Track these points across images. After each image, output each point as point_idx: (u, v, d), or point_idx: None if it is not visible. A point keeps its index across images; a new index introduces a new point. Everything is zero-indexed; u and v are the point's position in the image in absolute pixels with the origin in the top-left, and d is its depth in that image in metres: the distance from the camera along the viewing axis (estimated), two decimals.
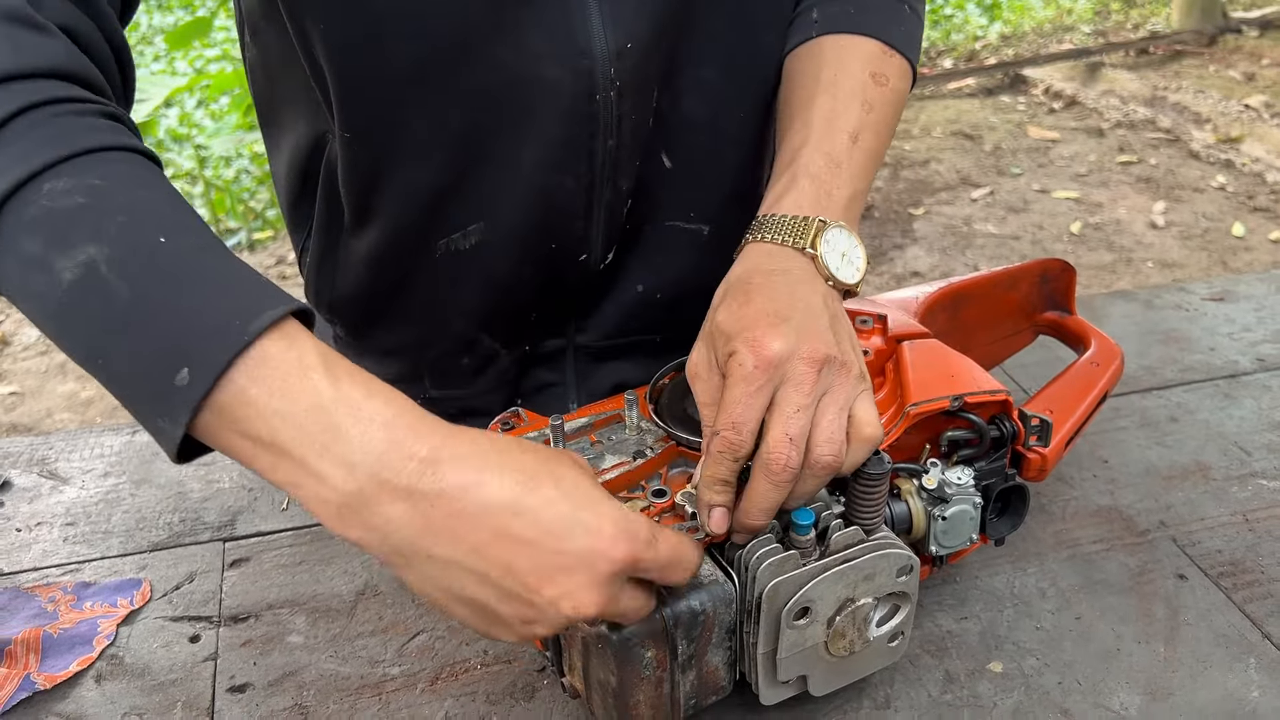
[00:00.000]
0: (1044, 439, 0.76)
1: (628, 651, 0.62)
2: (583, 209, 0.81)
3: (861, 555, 0.65)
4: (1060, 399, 0.82)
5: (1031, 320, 0.94)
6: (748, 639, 0.65)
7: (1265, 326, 1.15)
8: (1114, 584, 0.82)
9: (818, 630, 0.65)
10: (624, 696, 0.63)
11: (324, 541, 0.86)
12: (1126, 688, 0.73)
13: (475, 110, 0.75)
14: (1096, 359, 0.86)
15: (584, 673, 0.65)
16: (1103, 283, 3.20)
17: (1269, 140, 4.19)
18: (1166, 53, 5.29)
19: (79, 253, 0.50)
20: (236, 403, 0.49)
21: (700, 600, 0.63)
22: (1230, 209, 3.70)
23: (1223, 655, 0.76)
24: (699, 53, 0.81)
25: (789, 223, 0.71)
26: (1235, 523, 0.88)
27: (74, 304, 0.50)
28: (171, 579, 0.83)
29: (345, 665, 0.75)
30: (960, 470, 0.73)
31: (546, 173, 0.78)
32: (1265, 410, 1.02)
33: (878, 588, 0.66)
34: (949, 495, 0.72)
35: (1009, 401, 0.75)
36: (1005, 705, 0.72)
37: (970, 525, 0.73)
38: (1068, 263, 0.91)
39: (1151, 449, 0.97)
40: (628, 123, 0.79)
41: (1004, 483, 0.75)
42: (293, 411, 0.49)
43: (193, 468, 0.94)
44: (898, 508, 0.72)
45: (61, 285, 0.50)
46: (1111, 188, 3.86)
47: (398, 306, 0.87)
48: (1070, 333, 0.92)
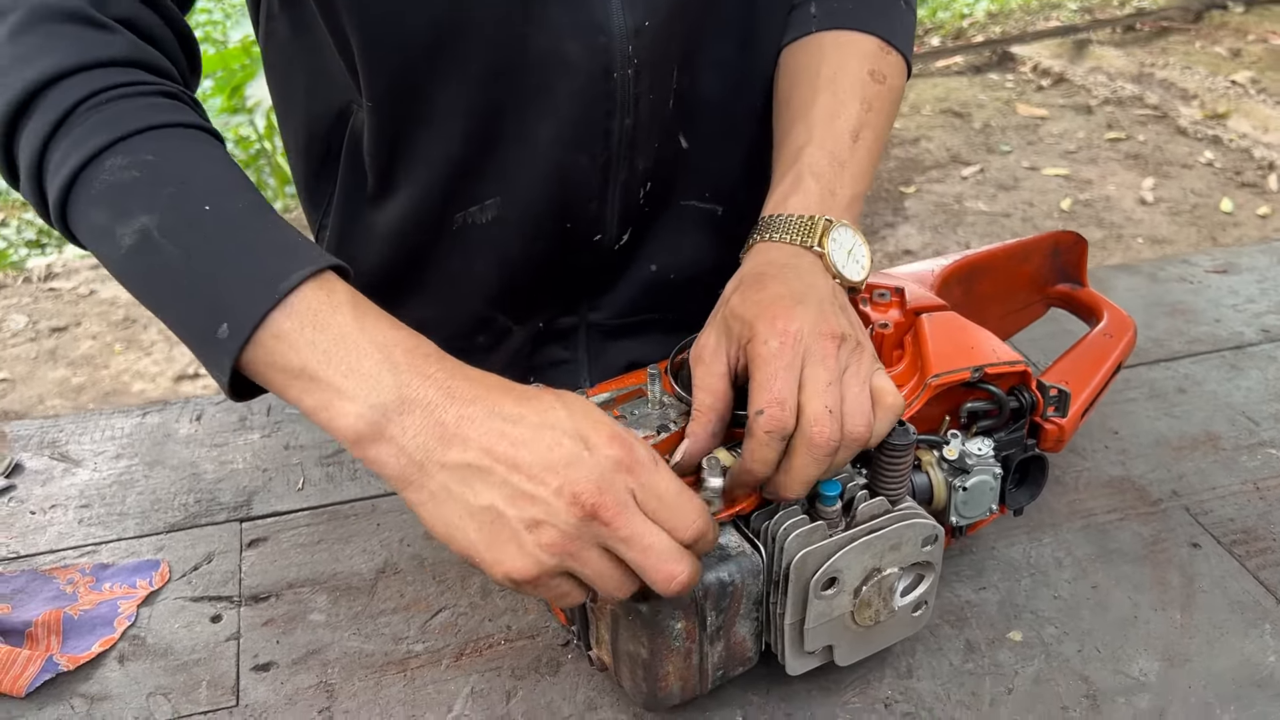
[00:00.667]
0: (1062, 410, 0.77)
1: (658, 623, 0.62)
2: (598, 189, 0.81)
3: (888, 525, 0.65)
4: (1075, 370, 0.83)
5: (1043, 293, 0.94)
6: (775, 610, 0.66)
7: (1269, 298, 1.16)
8: (1129, 553, 0.82)
9: (844, 600, 0.66)
10: (654, 668, 0.64)
11: (341, 520, 0.86)
12: (1145, 654, 0.74)
13: (493, 83, 0.75)
14: (1110, 330, 0.87)
15: (612, 645, 0.65)
16: (1093, 259, 3.21)
17: (1255, 116, 4.21)
18: (1153, 29, 5.30)
19: (135, 221, 0.57)
20: (273, 344, 0.55)
21: (729, 571, 0.63)
22: (1218, 184, 3.71)
23: (1238, 621, 0.76)
24: (716, 32, 0.81)
25: (796, 223, 0.73)
26: (1246, 491, 0.89)
27: (133, 265, 0.59)
28: (190, 560, 0.82)
29: (369, 643, 0.75)
30: (980, 441, 0.73)
31: (563, 150, 0.78)
32: (1271, 380, 1.03)
33: (903, 557, 0.66)
34: (969, 466, 0.72)
35: (1028, 372, 0.75)
36: (1026, 673, 0.73)
37: (990, 495, 0.73)
38: (1080, 235, 0.92)
39: (1161, 420, 0.97)
40: (645, 102, 0.79)
41: (1023, 453, 0.76)
42: (320, 341, 0.55)
43: (205, 449, 0.94)
44: (919, 479, 0.72)
45: (122, 249, 0.58)
46: (1100, 164, 3.87)
47: (415, 281, 0.86)
48: (1082, 305, 0.92)
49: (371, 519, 0.86)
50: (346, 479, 0.90)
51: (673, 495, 0.56)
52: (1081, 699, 0.71)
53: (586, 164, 0.80)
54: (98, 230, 0.59)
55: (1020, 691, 0.71)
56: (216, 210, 0.58)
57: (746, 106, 0.87)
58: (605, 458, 0.54)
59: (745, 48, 0.84)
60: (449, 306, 0.88)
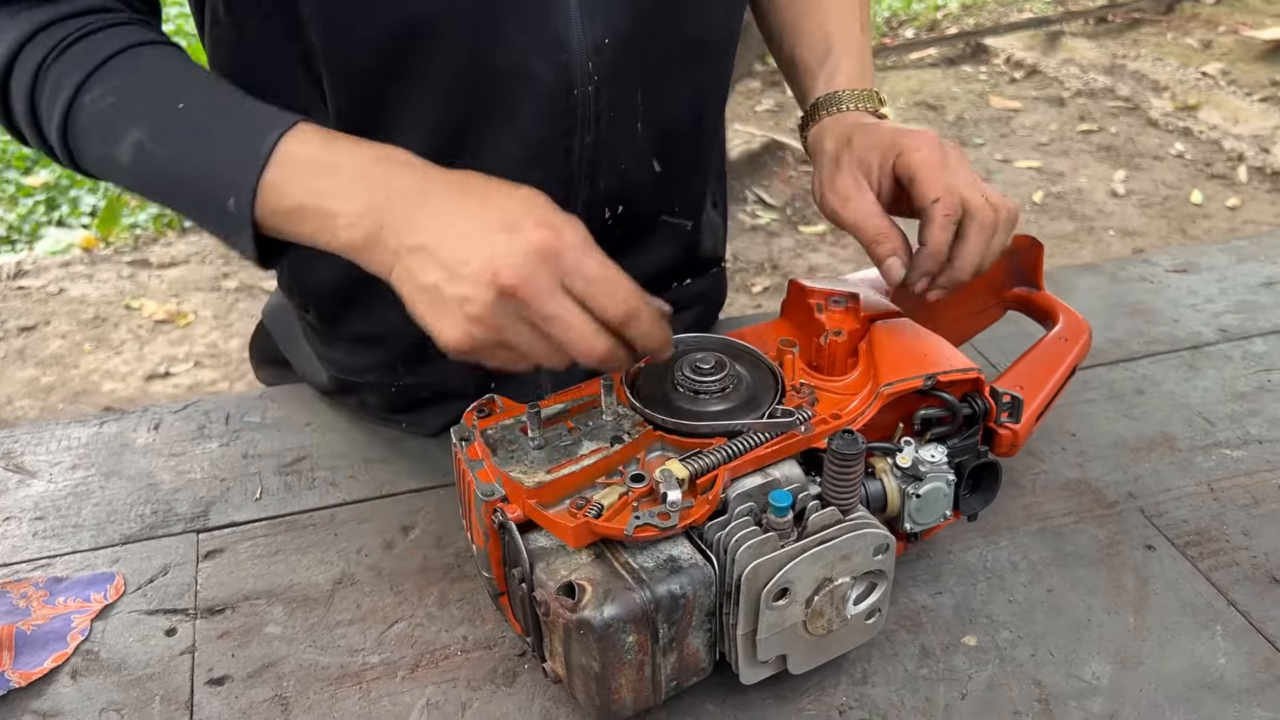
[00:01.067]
0: (1015, 415, 0.77)
1: (609, 636, 0.62)
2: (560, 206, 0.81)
3: (839, 535, 0.65)
4: (1030, 374, 0.83)
5: (1000, 296, 0.95)
6: (727, 620, 0.66)
7: (1227, 297, 1.17)
8: (1084, 556, 0.83)
9: (796, 610, 0.66)
10: (606, 680, 0.64)
11: (299, 531, 0.86)
12: (1098, 658, 0.75)
13: (455, 98, 0.76)
14: (1065, 334, 0.87)
15: (565, 658, 0.65)
16: (1065, 252, 3.24)
17: (1225, 108, 4.24)
18: (1125, 21, 5.33)
19: (125, 139, 0.66)
20: (272, 198, 0.64)
21: (680, 584, 0.63)
22: (1189, 176, 3.74)
23: (1190, 624, 0.77)
24: (683, 54, 0.82)
25: (857, 94, 0.84)
26: (1200, 493, 0.90)
27: (138, 176, 0.68)
28: (145, 572, 0.82)
29: (324, 655, 0.75)
30: (933, 448, 0.73)
31: (524, 167, 0.78)
32: (1228, 380, 1.04)
33: (855, 567, 0.67)
34: (923, 473, 0.72)
35: (981, 379, 0.76)
36: (980, 677, 0.73)
37: (944, 502, 0.73)
38: (1036, 239, 0.92)
39: (1119, 421, 0.98)
40: (606, 120, 0.79)
41: (976, 459, 0.76)
42: (304, 179, 0.64)
43: (163, 459, 0.93)
44: (873, 486, 0.73)
45: (124, 166, 0.67)
46: (1073, 156, 3.90)
47: (372, 294, 0.86)
48: (1038, 308, 0.93)
49: (329, 529, 0.86)
50: (304, 488, 0.90)
51: (599, 275, 0.62)
52: (1034, 703, 0.71)
53: (547, 181, 0.79)
54: (99, 159, 0.68)
55: (974, 697, 0.72)
56: (189, 108, 0.66)
57: (713, 123, 0.89)
58: (529, 242, 0.60)
59: (709, 66, 0.85)
60: (406, 318, 0.87)
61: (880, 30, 5.28)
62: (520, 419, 0.72)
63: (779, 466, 0.70)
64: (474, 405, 0.74)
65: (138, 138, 0.66)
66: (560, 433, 0.71)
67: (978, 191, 0.73)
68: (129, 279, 3.12)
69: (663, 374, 0.75)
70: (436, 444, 0.95)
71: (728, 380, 0.73)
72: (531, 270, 0.60)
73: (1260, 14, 5.30)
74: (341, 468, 0.92)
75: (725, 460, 0.67)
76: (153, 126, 0.66)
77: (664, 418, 0.71)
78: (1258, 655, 0.75)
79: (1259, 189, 3.64)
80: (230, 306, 2.97)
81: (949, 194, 0.73)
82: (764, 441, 0.69)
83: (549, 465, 0.67)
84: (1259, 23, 5.14)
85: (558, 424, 0.71)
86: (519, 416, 0.72)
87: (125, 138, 0.66)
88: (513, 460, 0.68)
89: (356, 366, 0.93)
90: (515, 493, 0.66)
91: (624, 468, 0.69)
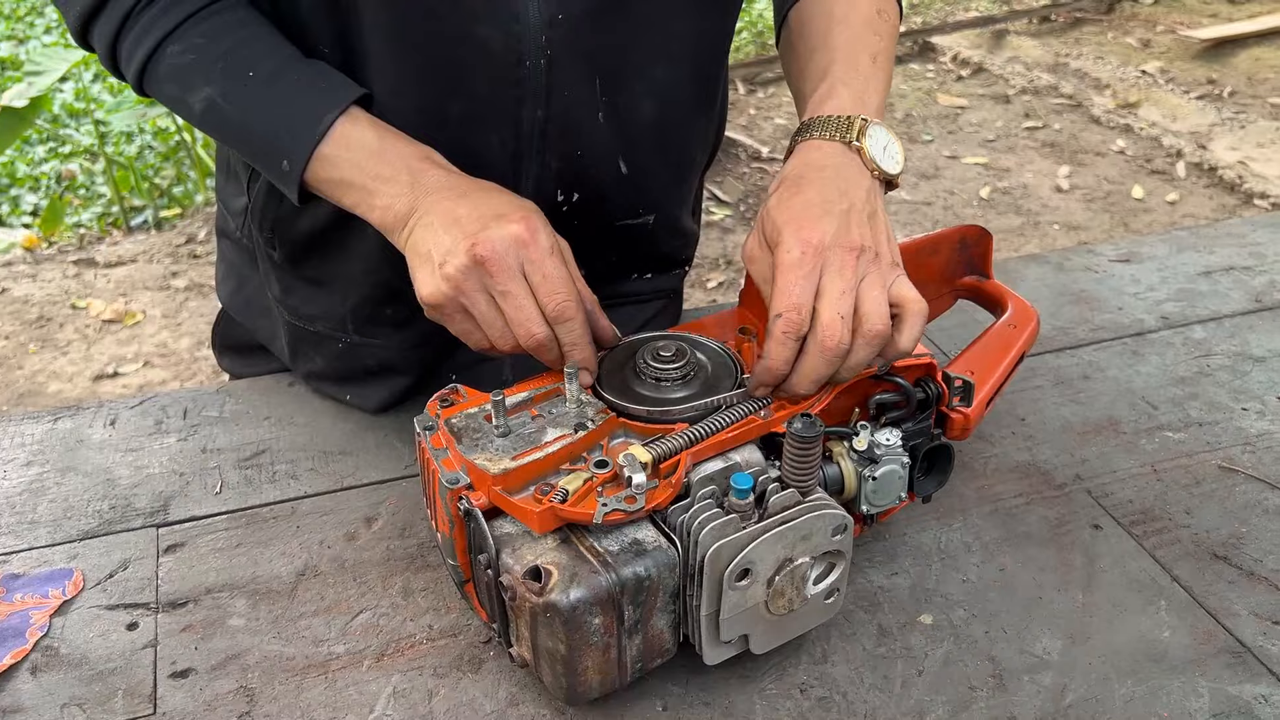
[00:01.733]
0: (966, 399, 0.80)
1: (576, 619, 0.63)
2: (510, 179, 0.83)
3: (799, 516, 0.67)
4: (980, 360, 0.85)
5: (951, 285, 0.97)
6: (691, 602, 0.67)
7: (1168, 286, 1.21)
8: (1034, 536, 0.86)
9: (758, 590, 0.67)
10: (572, 663, 0.65)
11: (261, 524, 0.85)
12: (1049, 634, 0.77)
13: (408, 59, 0.78)
14: (1014, 321, 0.90)
15: (532, 642, 0.66)
16: (1011, 246, 3.30)
17: (1164, 105, 4.34)
18: (1067, 20, 5.42)
19: (200, 92, 0.78)
20: (321, 169, 0.76)
21: (645, 566, 0.64)
22: (1130, 172, 3.82)
23: (1136, 599, 0.80)
24: (654, 54, 0.83)
25: (835, 121, 0.79)
26: (1145, 474, 0.92)
27: (208, 124, 0.80)
28: (104, 567, 0.81)
29: (289, 646, 0.75)
30: (888, 432, 0.75)
31: (473, 127, 0.81)
32: (1169, 366, 1.07)
33: (814, 547, 0.68)
34: (878, 456, 0.74)
35: (933, 364, 0.78)
36: (936, 655, 0.75)
37: (899, 484, 0.75)
38: (985, 229, 0.94)
39: (1066, 406, 1.01)
40: (559, 97, 0.80)
41: (930, 442, 0.78)
42: (354, 158, 0.76)
43: (120, 454, 0.93)
44: (830, 469, 0.74)
45: (196, 114, 0.79)
46: (1018, 153, 3.96)
47: (333, 238, 0.89)
48: (988, 296, 0.95)
49: (291, 521, 0.86)
50: (265, 481, 0.90)
51: (553, 276, 0.72)
52: (988, 678, 0.73)
53: (496, 148, 0.82)
54: (173, 99, 0.80)
55: (930, 673, 0.74)
56: (259, 75, 0.77)
57: (679, 122, 0.90)
58: (508, 229, 0.71)
59: (677, 65, 0.86)
60: (362, 270, 0.89)
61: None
62: (484, 408, 0.72)
63: (739, 451, 0.71)
64: (437, 395, 0.74)
65: (210, 94, 0.77)
66: (524, 420, 0.71)
67: (835, 310, 0.69)
68: (75, 278, 3.06)
69: (625, 362, 0.77)
70: (397, 436, 0.95)
71: (689, 368, 0.75)
72: (503, 251, 0.70)
73: (1197, 14, 5.42)
74: (302, 460, 0.92)
75: (688, 445, 0.69)
76: (225, 88, 0.77)
77: (627, 405, 0.72)
78: (1200, 628, 0.77)
79: (1197, 184, 3.73)
80: (180, 305, 2.93)
81: (795, 311, 0.69)
82: (726, 425, 0.70)
83: (514, 452, 0.68)
84: (1195, 22, 5.27)
85: (521, 412, 0.72)
86: (483, 405, 0.72)
87: (200, 92, 0.78)
88: (477, 448, 0.69)
89: (311, 313, 0.95)
90: (480, 480, 0.67)
91: (588, 454, 0.70)
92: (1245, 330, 1.12)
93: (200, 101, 0.78)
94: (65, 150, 3.90)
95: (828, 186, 0.74)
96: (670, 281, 1.05)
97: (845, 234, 0.71)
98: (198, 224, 3.37)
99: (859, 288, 0.70)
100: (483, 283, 0.71)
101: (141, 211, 3.48)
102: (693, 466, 0.69)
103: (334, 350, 0.95)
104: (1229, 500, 0.89)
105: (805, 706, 0.71)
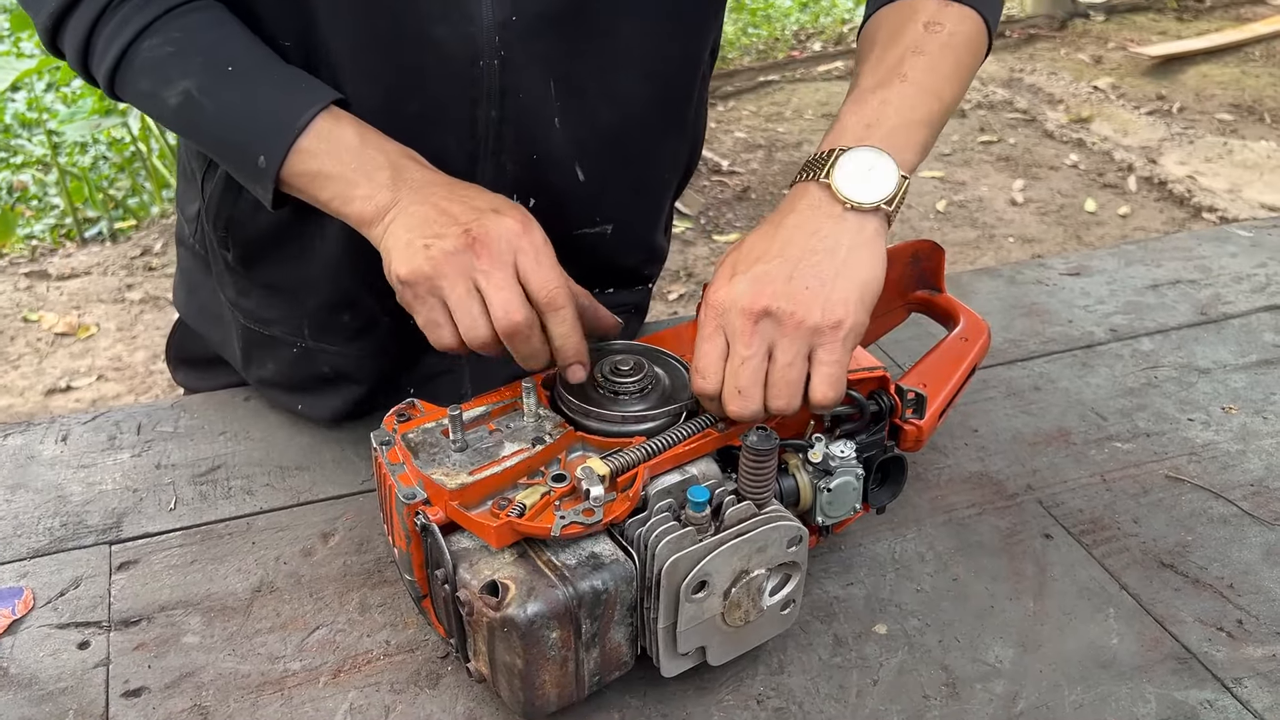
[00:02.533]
0: (919, 412, 0.81)
1: (534, 633, 0.63)
2: (464, 176, 0.83)
3: (754, 528, 0.67)
4: (933, 373, 0.87)
5: (905, 299, 0.98)
6: (648, 614, 0.68)
7: (1117, 299, 1.23)
8: (987, 545, 0.87)
9: (715, 602, 0.68)
10: (530, 677, 0.65)
11: (215, 540, 0.85)
12: (1001, 642, 0.78)
13: (366, 57, 0.79)
14: (965, 334, 0.91)
15: (489, 657, 0.66)
16: (967, 259, 3.34)
17: (1116, 120, 4.42)
18: (1021, 36, 5.51)
19: (177, 85, 0.77)
20: (299, 162, 0.75)
21: (602, 579, 0.65)
22: (1083, 186, 3.89)
23: (1086, 607, 0.81)
24: (613, 60, 0.84)
25: (813, 160, 0.75)
26: (1094, 483, 0.94)
27: (181, 119, 0.79)
28: (55, 585, 0.80)
29: (244, 663, 0.74)
30: (843, 444, 0.76)
31: (429, 127, 0.81)
32: (1118, 377, 1.09)
33: (770, 559, 0.69)
34: (833, 468, 0.75)
35: (886, 377, 0.79)
36: (891, 664, 0.76)
37: (854, 495, 0.76)
38: (937, 244, 0.96)
39: (1017, 417, 1.03)
40: (513, 99, 0.81)
41: (884, 454, 0.79)
42: (334, 151, 0.75)
43: (72, 470, 0.91)
44: (786, 482, 0.75)
45: (170, 108, 0.78)
46: (974, 166, 4.02)
47: (289, 241, 0.88)
48: (940, 310, 0.96)
49: (246, 537, 0.85)
50: (220, 498, 0.89)
51: (546, 265, 0.72)
52: (941, 687, 0.74)
53: (453, 149, 0.83)
54: (145, 94, 0.79)
55: (885, 682, 0.75)
56: (238, 69, 0.77)
57: (643, 135, 0.90)
58: (505, 220, 0.72)
59: (642, 78, 0.86)
60: (319, 275, 0.89)
61: (789, 43, 5.38)
62: (441, 422, 0.72)
63: (696, 464, 0.72)
64: (394, 410, 0.74)
65: (187, 87, 0.77)
66: (481, 435, 0.72)
67: (733, 383, 0.69)
68: (26, 290, 3.01)
69: None
70: (354, 450, 0.94)
71: (646, 381, 0.75)
72: (497, 237, 0.71)
73: (1146, 31, 5.54)
74: (257, 476, 0.92)
75: (645, 458, 0.69)
76: (203, 81, 0.77)
77: (584, 420, 0.72)
78: (1147, 635, 0.79)
79: (1148, 198, 3.80)
80: (135, 319, 2.89)
81: (698, 376, 0.71)
82: (683, 439, 0.71)
83: (471, 467, 0.68)
84: (1145, 40, 5.38)
85: (479, 426, 0.72)
86: (440, 420, 0.73)
87: (176, 85, 0.77)
88: (434, 463, 0.69)
89: (266, 316, 0.94)
90: (437, 495, 0.67)
91: (545, 468, 0.70)
92: (1191, 342, 1.15)
93: (176, 95, 0.77)
94: (17, 161, 3.84)
95: (775, 237, 0.72)
96: (633, 297, 1.05)
97: (747, 295, 0.69)
98: (153, 236, 3.33)
99: (774, 353, 0.69)
100: (467, 268, 0.70)
101: (95, 223, 3.43)
102: (650, 479, 0.70)
103: (288, 356, 0.95)
104: (1175, 509, 0.91)
105: (762, 717, 0.72)
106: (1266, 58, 5.10)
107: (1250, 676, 0.76)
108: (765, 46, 5.39)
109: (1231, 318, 1.20)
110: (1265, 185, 3.84)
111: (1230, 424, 1.02)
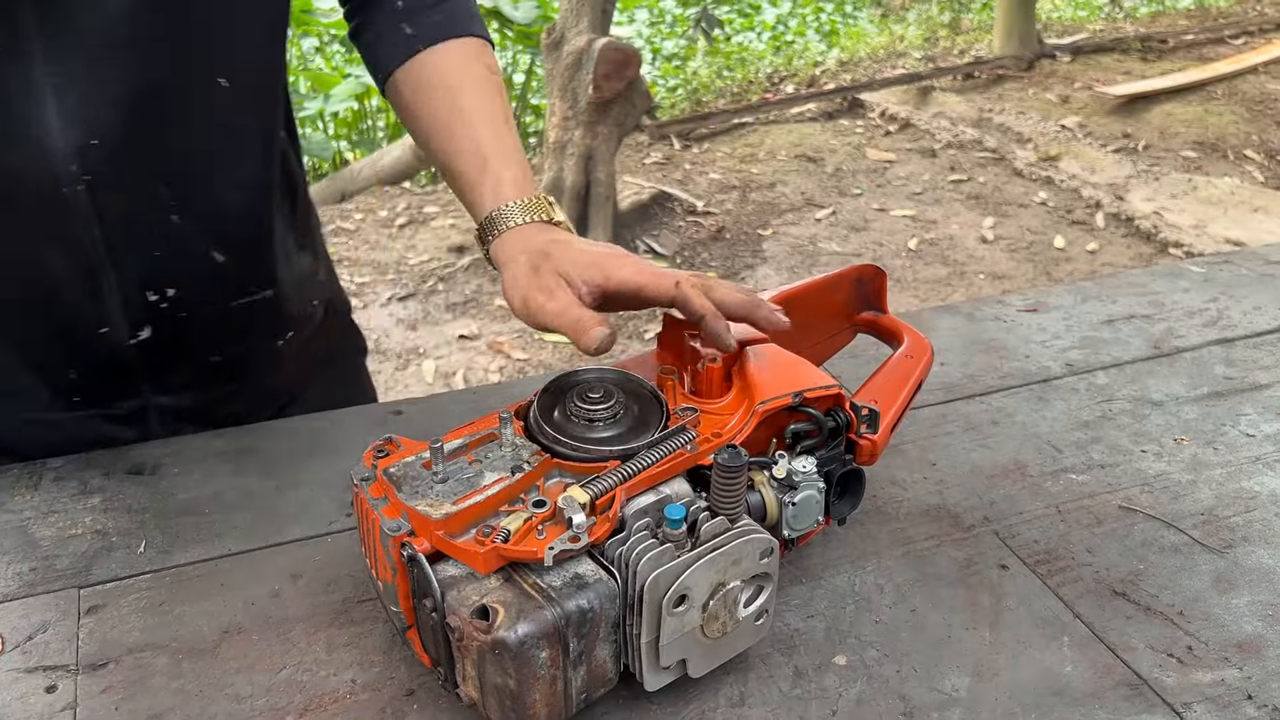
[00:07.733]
0: (873, 426, 0.84)
1: (524, 653, 0.65)
2: (87, 290, 0.86)
3: (729, 542, 0.70)
4: (883, 390, 0.90)
5: (851, 320, 1.01)
6: (631, 630, 0.70)
7: (1073, 334, 1.26)
8: (944, 576, 0.89)
9: (694, 615, 0.70)
10: (521, 697, 0.67)
11: (184, 582, 0.86)
12: (957, 671, 0.80)
13: None
14: (910, 352, 0.94)
15: (480, 680, 0.68)
16: (939, 295, 3.39)
17: (1083, 158, 4.51)
18: (990, 76, 5.62)
19: None
20: None
21: (588, 598, 0.67)
22: (1051, 223, 3.96)
23: (1040, 636, 0.83)
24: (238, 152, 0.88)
25: (528, 205, 0.88)
26: (1049, 515, 0.96)
27: None
28: (23, 630, 0.81)
29: (212, 705, 0.75)
30: (804, 460, 0.79)
31: (36, 243, 0.82)
32: (1074, 411, 1.12)
33: (744, 570, 0.72)
34: (797, 482, 0.78)
35: (842, 394, 0.82)
36: (850, 695, 0.78)
37: (817, 508, 0.79)
38: (879, 267, 0.99)
39: (975, 450, 1.05)
40: (114, 216, 0.82)
41: (842, 467, 0.82)
42: None
43: (42, 515, 0.92)
44: (753, 497, 0.78)
45: None
46: (945, 205, 4.08)
47: None
48: (885, 330, 1.00)
49: (215, 579, 0.86)
50: (190, 541, 0.90)
51: None
52: (899, 716, 0.76)
53: (62, 263, 0.84)
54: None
55: (844, 712, 0.76)
56: None
57: (269, 209, 0.95)
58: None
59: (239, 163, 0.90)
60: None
61: (762, 86, 5.46)
62: (421, 455, 0.74)
63: (670, 484, 0.75)
64: (372, 446, 0.76)
65: None
66: (461, 466, 0.74)
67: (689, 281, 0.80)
68: None
69: (553, 405, 0.79)
70: (324, 493, 0.96)
71: (617, 407, 0.78)
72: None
73: (1112, 70, 5.66)
74: (227, 519, 0.93)
75: (621, 481, 0.72)
76: None
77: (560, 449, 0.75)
78: (1100, 662, 0.81)
79: (1115, 234, 3.87)
80: None
81: (679, 278, 0.79)
82: (657, 460, 0.74)
83: (454, 497, 0.70)
84: (1111, 79, 5.49)
85: (458, 458, 0.74)
86: (419, 453, 0.75)
87: None
88: (417, 495, 0.71)
89: None
90: (423, 525, 0.69)
91: (525, 494, 0.72)
92: (1145, 375, 1.18)
93: None
94: None
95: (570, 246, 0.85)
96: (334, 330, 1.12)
97: None
98: None
99: None
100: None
101: None
102: (627, 501, 0.72)
103: None
104: (1128, 538, 0.94)
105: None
106: (1229, 96, 5.22)
107: (1199, 701, 0.77)
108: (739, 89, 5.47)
109: (1184, 351, 1.23)
110: (1229, 220, 3.92)
111: (1182, 455, 1.05)
